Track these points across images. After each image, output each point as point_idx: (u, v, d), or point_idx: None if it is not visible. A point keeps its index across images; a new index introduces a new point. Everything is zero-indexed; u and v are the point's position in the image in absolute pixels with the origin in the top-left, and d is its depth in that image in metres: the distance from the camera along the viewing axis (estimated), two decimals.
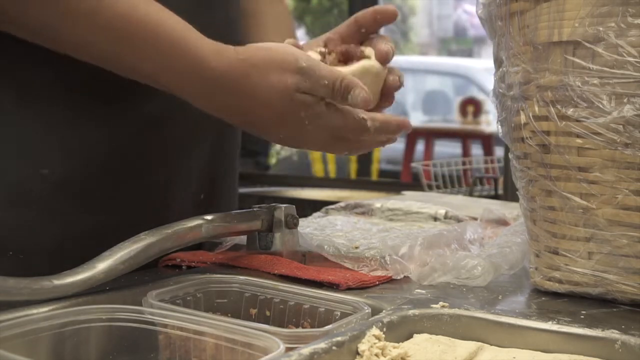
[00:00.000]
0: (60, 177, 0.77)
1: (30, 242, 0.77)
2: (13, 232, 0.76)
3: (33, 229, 0.77)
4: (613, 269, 0.67)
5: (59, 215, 0.78)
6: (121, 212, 0.82)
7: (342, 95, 0.74)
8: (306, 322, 0.67)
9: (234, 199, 0.99)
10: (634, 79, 0.63)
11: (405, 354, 0.55)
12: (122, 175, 0.82)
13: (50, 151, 0.77)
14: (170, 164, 0.85)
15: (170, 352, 0.59)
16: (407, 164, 4.41)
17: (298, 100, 0.73)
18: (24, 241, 0.76)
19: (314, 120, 0.75)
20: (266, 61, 0.73)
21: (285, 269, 0.75)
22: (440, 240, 0.85)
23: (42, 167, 0.76)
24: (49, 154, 0.77)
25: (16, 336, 0.54)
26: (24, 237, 0.76)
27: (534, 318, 0.62)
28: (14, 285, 0.58)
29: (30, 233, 0.77)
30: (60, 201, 0.78)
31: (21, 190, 0.76)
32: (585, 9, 0.65)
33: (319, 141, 0.78)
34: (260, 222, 0.80)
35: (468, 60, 8.32)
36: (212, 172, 0.91)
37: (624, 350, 0.57)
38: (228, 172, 0.96)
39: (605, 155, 0.66)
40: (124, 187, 0.82)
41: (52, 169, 0.76)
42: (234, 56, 0.73)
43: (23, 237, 0.76)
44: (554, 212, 0.70)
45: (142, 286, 0.69)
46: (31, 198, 0.76)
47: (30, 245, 0.76)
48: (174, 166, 0.86)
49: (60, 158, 0.77)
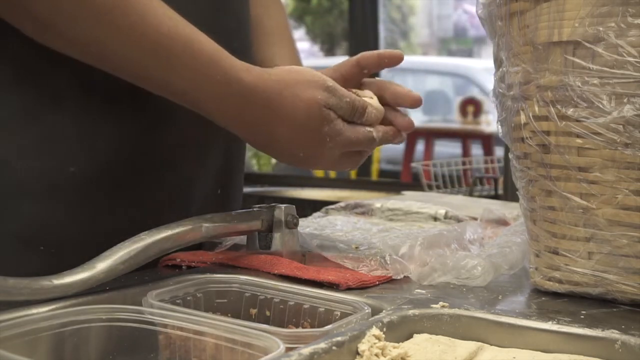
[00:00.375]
0: (87, 174, 0.80)
1: (60, 237, 0.79)
2: (44, 227, 0.78)
3: (63, 224, 0.79)
4: (613, 269, 0.67)
5: (87, 211, 0.81)
6: (147, 207, 0.85)
7: (361, 113, 0.82)
8: (306, 322, 0.67)
9: (241, 194, 1.03)
10: (634, 79, 0.63)
11: (405, 354, 0.55)
12: (147, 172, 0.84)
13: (78, 150, 0.80)
14: (192, 161, 0.88)
15: (170, 352, 0.59)
16: (407, 164, 4.42)
17: (324, 115, 0.79)
18: (54, 236, 0.79)
19: (334, 137, 0.80)
20: (298, 79, 0.79)
21: (285, 269, 0.75)
22: (440, 240, 0.85)
23: (70, 165, 0.79)
24: (77, 152, 0.79)
25: (16, 336, 0.54)
26: (54, 233, 0.79)
27: (534, 318, 0.62)
28: (14, 285, 0.58)
29: (60, 228, 0.79)
30: (88, 197, 0.80)
31: (50, 187, 0.78)
32: (585, 9, 0.65)
33: (332, 159, 0.83)
34: (260, 222, 0.80)
35: (468, 60, 8.32)
36: (228, 168, 0.95)
37: (624, 350, 0.57)
38: (240, 168, 1.00)
39: (605, 155, 0.66)
40: (149, 183, 0.85)
41: (79, 167, 0.79)
42: (265, 74, 0.78)
43: (53, 233, 0.79)
44: (554, 212, 0.70)
45: (142, 286, 0.69)
46: (60, 195, 0.79)
47: (60, 240, 0.79)
48: (195, 163, 0.89)
49: (87, 156, 0.80)
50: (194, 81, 0.75)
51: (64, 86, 0.79)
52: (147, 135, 0.84)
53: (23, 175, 0.77)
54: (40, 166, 0.78)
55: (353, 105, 0.81)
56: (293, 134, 0.79)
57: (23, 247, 0.78)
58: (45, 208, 0.78)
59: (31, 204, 0.78)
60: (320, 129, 0.79)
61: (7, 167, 0.77)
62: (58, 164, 0.79)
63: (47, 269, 0.64)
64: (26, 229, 0.78)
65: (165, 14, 0.74)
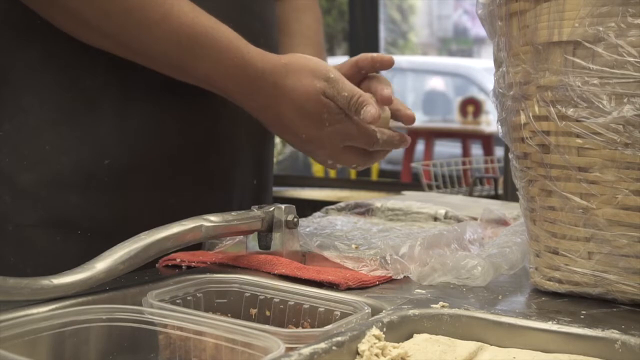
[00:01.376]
0: (122, 166, 0.88)
1: (96, 223, 0.87)
2: (82, 213, 0.87)
3: (99, 211, 0.87)
4: (613, 269, 0.67)
5: (121, 200, 0.88)
6: (185, 197, 0.92)
7: (356, 109, 0.88)
8: (306, 322, 0.67)
9: (272, 186, 1.12)
10: (634, 79, 0.63)
11: (405, 354, 0.55)
12: (184, 163, 0.92)
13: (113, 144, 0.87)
14: (230, 153, 0.97)
15: (170, 352, 0.59)
16: (407, 164, 4.41)
17: (323, 102, 0.87)
18: (90, 222, 0.87)
19: (333, 124, 0.88)
20: (302, 66, 0.88)
21: (285, 269, 0.75)
22: (440, 240, 0.85)
23: (105, 158, 0.87)
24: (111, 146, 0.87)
25: (16, 336, 0.54)
26: (91, 219, 0.87)
27: (534, 318, 0.62)
28: (14, 285, 0.58)
29: (96, 215, 0.87)
30: (123, 187, 0.88)
31: (87, 177, 0.87)
32: (585, 9, 0.65)
33: (335, 148, 0.90)
34: (260, 222, 0.80)
35: (468, 60, 8.32)
36: (262, 160, 1.04)
37: (624, 350, 0.57)
38: (270, 161, 1.09)
39: (605, 155, 0.66)
40: (187, 175, 0.93)
41: (114, 159, 0.87)
42: (277, 60, 0.88)
43: (90, 219, 0.87)
44: (554, 212, 0.70)
45: (142, 286, 0.69)
46: (95, 184, 0.87)
47: (96, 225, 0.87)
48: (233, 154, 0.97)
49: (121, 150, 0.88)
50: (214, 66, 0.84)
51: (101, 88, 0.87)
52: (180, 129, 0.91)
53: (64, 168, 0.86)
54: (78, 159, 0.86)
55: (350, 100, 0.87)
56: (295, 115, 0.87)
57: (62, 232, 0.86)
58: (82, 197, 0.86)
59: (70, 194, 0.86)
60: (319, 114, 0.87)
61: (51, 162, 0.86)
62: (94, 157, 0.87)
63: (81, 252, 0.71)
64: (66, 215, 0.86)
65: (189, 7, 0.82)
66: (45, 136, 0.86)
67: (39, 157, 0.86)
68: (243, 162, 0.99)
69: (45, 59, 0.86)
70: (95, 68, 0.87)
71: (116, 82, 0.87)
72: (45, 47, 0.86)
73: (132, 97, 0.88)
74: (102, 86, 0.87)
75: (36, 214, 0.86)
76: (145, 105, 0.89)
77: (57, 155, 0.86)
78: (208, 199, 0.94)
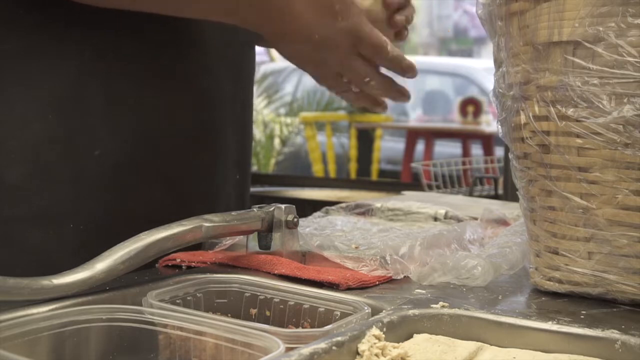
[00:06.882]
0: (112, 158, 0.86)
1: (87, 216, 0.86)
2: (73, 206, 0.85)
3: (90, 204, 0.86)
4: (613, 269, 0.67)
5: (111, 193, 0.87)
6: (172, 191, 0.92)
7: None
8: (306, 322, 0.67)
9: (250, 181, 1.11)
10: (634, 79, 0.63)
11: (405, 354, 0.55)
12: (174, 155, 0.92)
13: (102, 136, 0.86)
14: (217, 146, 0.97)
15: (170, 352, 0.59)
16: (407, 164, 4.42)
17: None
18: (82, 216, 0.85)
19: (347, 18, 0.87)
20: None
21: (285, 269, 0.75)
22: (440, 240, 0.85)
23: (95, 149, 0.86)
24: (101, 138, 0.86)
25: (16, 336, 0.54)
26: (82, 212, 0.85)
27: (534, 318, 0.62)
28: (14, 285, 0.58)
29: (87, 208, 0.86)
30: (113, 180, 0.87)
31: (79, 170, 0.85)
32: (585, 9, 0.65)
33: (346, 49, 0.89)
34: (260, 222, 0.79)
35: (468, 60, 8.32)
36: (243, 155, 1.04)
37: (624, 350, 0.57)
38: (250, 158, 1.09)
39: (605, 155, 0.66)
40: (176, 167, 0.92)
41: (103, 151, 0.86)
42: None
43: (81, 212, 0.85)
44: (554, 212, 0.70)
45: (142, 286, 0.69)
46: (86, 177, 0.86)
47: (87, 219, 0.85)
48: (220, 148, 0.97)
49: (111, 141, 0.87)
50: None
51: (87, 81, 0.86)
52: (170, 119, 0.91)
53: (53, 160, 0.84)
54: (67, 152, 0.85)
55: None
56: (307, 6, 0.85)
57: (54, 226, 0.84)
58: (73, 189, 0.85)
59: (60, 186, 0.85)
60: (332, 6, 0.86)
61: (39, 155, 0.84)
62: (84, 149, 0.85)
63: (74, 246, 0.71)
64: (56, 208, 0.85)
65: None
66: (32, 128, 0.84)
67: (27, 150, 0.84)
68: (229, 156, 1.00)
69: (28, 48, 0.84)
70: (81, 57, 0.85)
71: (103, 72, 0.86)
72: (28, 36, 0.84)
73: (120, 86, 0.87)
74: (88, 75, 0.86)
75: (26, 208, 0.84)
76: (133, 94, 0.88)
77: (45, 147, 0.84)
78: (196, 191, 0.94)
